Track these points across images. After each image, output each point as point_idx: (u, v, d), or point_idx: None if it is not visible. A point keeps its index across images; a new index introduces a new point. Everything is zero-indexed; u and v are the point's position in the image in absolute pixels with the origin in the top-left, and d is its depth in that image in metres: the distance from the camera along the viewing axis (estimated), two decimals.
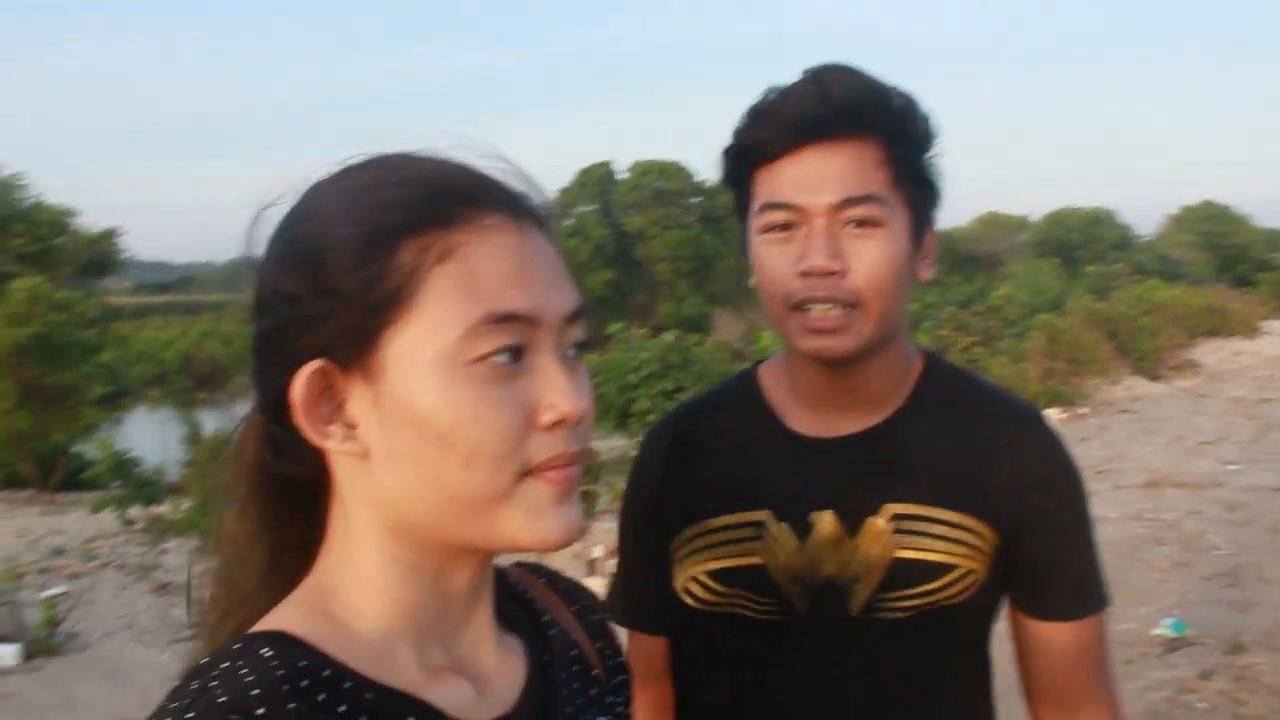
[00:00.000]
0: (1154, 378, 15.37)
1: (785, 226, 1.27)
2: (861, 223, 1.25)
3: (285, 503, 0.85)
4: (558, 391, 0.77)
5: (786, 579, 1.32)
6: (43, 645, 6.84)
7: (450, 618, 0.83)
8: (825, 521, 1.32)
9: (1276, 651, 5.21)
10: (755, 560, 1.33)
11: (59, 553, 10.43)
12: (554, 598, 0.99)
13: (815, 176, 1.25)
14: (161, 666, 6.53)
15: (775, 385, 1.41)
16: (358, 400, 0.78)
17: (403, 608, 0.81)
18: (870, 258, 1.24)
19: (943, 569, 1.30)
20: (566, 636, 0.95)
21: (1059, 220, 47.57)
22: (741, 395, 1.44)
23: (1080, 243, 44.47)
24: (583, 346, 0.83)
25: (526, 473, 0.77)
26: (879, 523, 1.31)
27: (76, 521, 12.54)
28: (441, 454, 0.75)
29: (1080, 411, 13.06)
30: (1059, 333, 15.05)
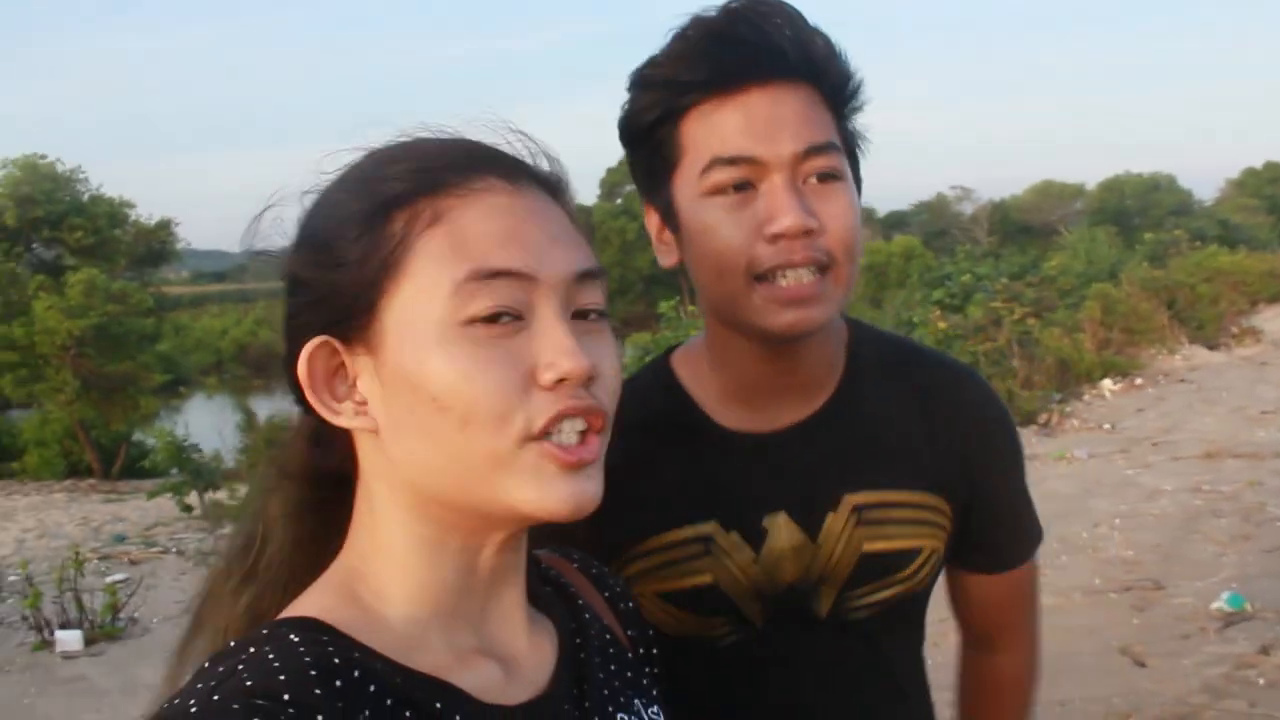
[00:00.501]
0: (1213, 346, 15.03)
1: (740, 186, 1.08)
2: (824, 175, 1.09)
3: (318, 491, 0.87)
4: (558, 349, 0.76)
5: (743, 594, 1.19)
6: (105, 630, 7.00)
7: (477, 597, 0.84)
8: (780, 525, 1.19)
9: None
10: (704, 579, 1.18)
11: (120, 539, 10.68)
12: (585, 582, 0.99)
13: (768, 123, 1.08)
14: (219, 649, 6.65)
15: (695, 377, 1.24)
16: (365, 375, 0.79)
17: (429, 588, 0.81)
18: (839, 213, 1.09)
19: (911, 555, 1.21)
20: (599, 620, 0.95)
21: (1115, 187, 46.72)
22: (661, 394, 1.24)
23: (1138, 210, 43.65)
24: (602, 314, 0.82)
25: (530, 438, 0.76)
26: (839, 518, 1.19)
27: (137, 509, 12.84)
28: (439, 417, 0.75)
29: (1137, 382, 12.81)
30: (1114, 302, 14.77)
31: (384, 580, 0.81)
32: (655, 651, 1.01)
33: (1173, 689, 4.54)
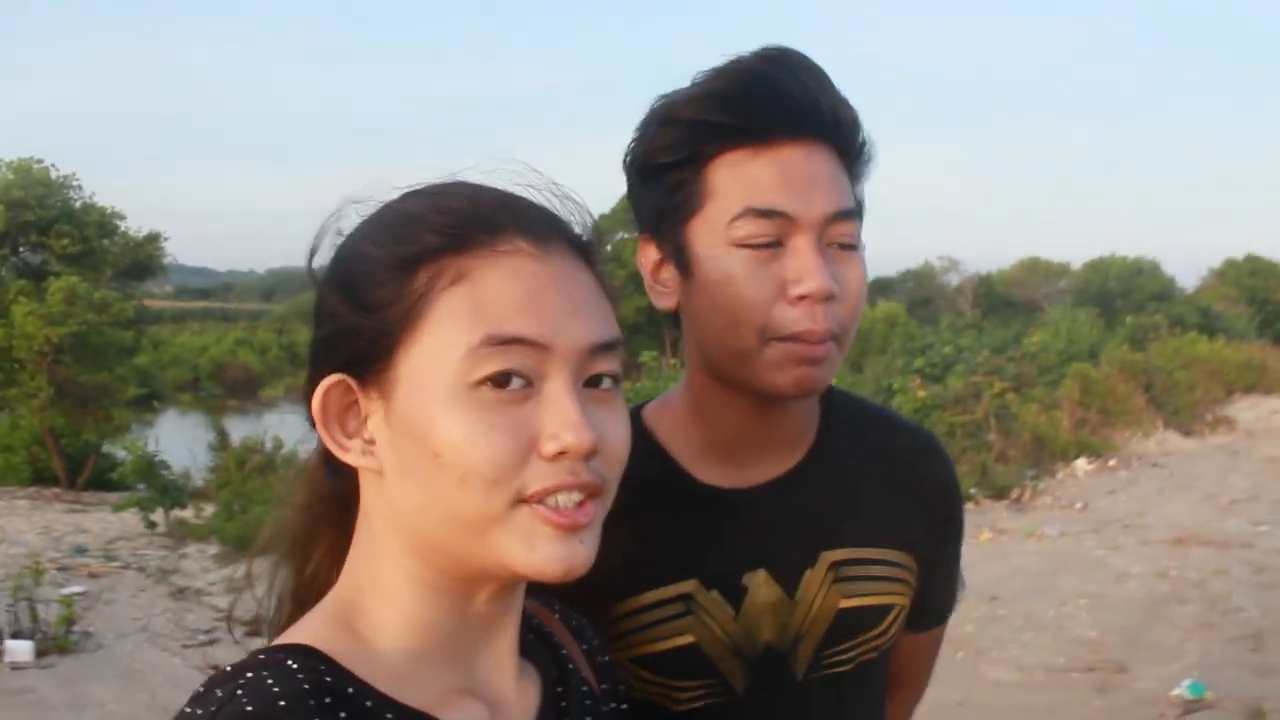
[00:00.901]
0: (1187, 432, 15.16)
1: (770, 243, 1.06)
2: (846, 244, 1.09)
3: (333, 513, 0.90)
4: (563, 422, 0.77)
5: (723, 654, 1.16)
6: (57, 643, 6.89)
7: (470, 640, 0.85)
8: (760, 583, 1.17)
9: None
10: (687, 639, 1.15)
11: (80, 551, 10.54)
12: (567, 633, 1.00)
13: (804, 180, 1.07)
14: (173, 670, 6.56)
15: (671, 432, 1.21)
16: (376, 417, 0.81)
17: (423, 627, 0.82)
18: (855, 282, 1.10)
19: (884, 611, 1.21)
20: (579, 672, 0.96)
21: (1100, 268, 47.19)
22: (637, 447, 1.17)
23: (1120, 292, 44.06)
24: (617, 380, 0.83)
25: (522, 500, 0.77)
26: (817, 574, 1.19)
27: (100, 521, 12.68)
28: (438, 472, 0.77)
29: (1110, 463, 12.90)
30: (1092, 382, 14.89)
31: (380, 615, 0.82)
32: (625, 707, 1.02)
33: None
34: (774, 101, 1.08)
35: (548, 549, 0.78)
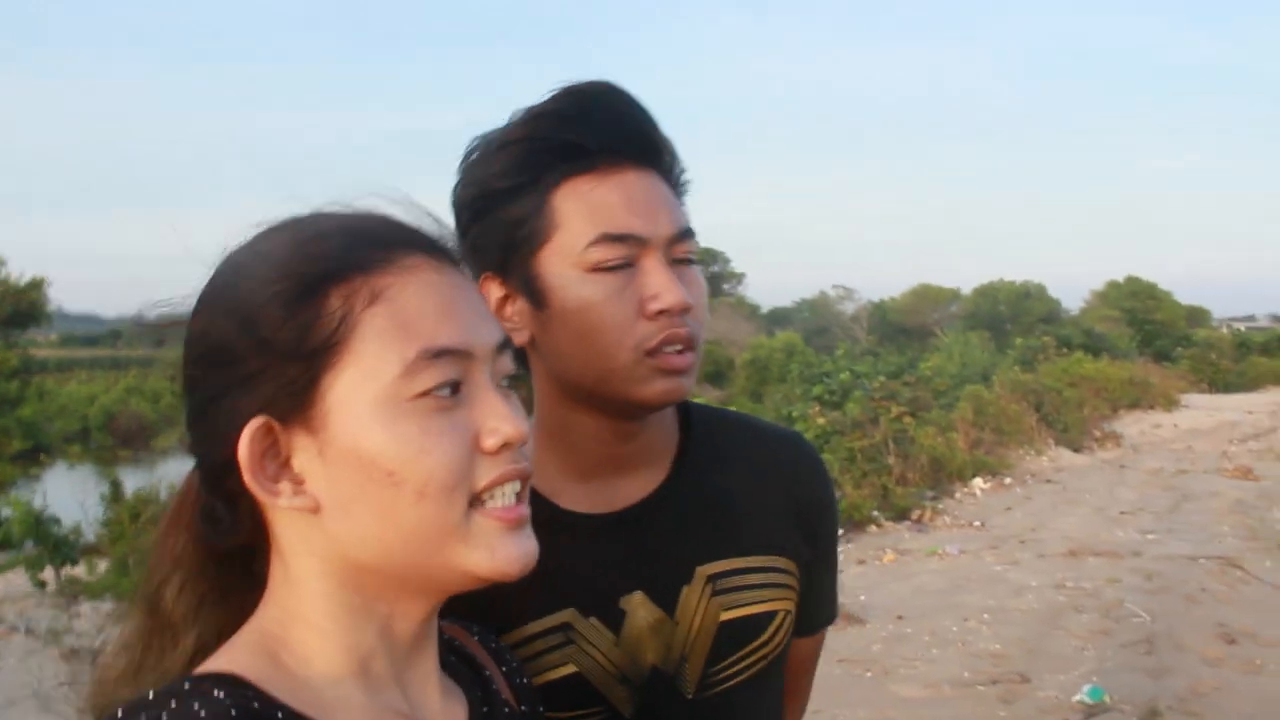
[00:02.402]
0: (1077, 449, 15.68)
1: (621, 265, 1.09)
2: (687, 259, 1.13)
3: (222, 574, 0.87)
4: (499, 416, 0.81)
5: (607, 682, 1.16)
6: None
7: (397, 662, 0.85)
8: (637, 605, 1.17)
9: (1190, 717, 5.29)
10: (569, 669, 1.14)
11: None
12: (486, 655, 1.00)
13: (650, 203, 1.11)
14: None
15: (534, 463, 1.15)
16: (302, 453, 0.79)
17: (351, 653, 0.82)
18: (700, 295, 1.13)
19: (767, 619, 1.22)
20: (500, 694, 0.96)
21: (989, 293, 48.58)
22: None
23: (1010, 315, 45.41)
24: (514, 378, 0.86)
25: (475, 502, 0.79)
26: (694, 590, 1.19)
27: None
28: (392, 492, 0.77)
29: (1006, 481, 13.25)
30: (985, 404, 15.30)
31: (305, 646, 0.82)
32: None
33: None
34: (614, 124, 1.11)
35: (507, 549, 0.80)
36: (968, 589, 8.09)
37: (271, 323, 0.78)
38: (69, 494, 14.62)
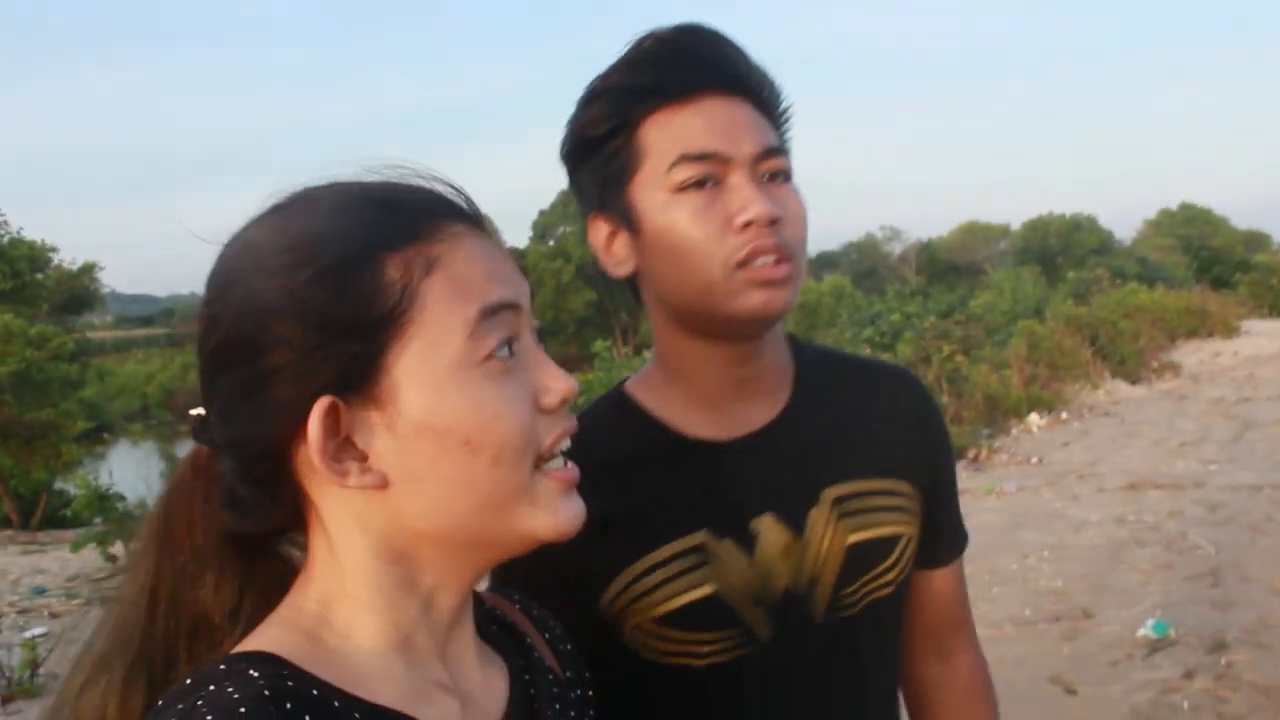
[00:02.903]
0: (1134, 381, 15.44)
1: (702, 183, 1.12)
2: (778, 175, 1.16)
3: (253, 563, 0.85)
4: (553, 374, 0.82)
5: (745, 602, 1.18)
6: (23, 688, 6.75)
7: (438, 634, 0.84)
8: (768, 527, 1.19)
9: (1258, 649, 5.21)
10: (706, 590, 1.17)
11: (40, 592, 10.35)
12: (528, 623, 1.00)
13: (730, 124, 1.14)
14: None
15: (656, 398, 1.24)
16: (367, 430, 0.78)
17: (396, 628, 0.82)
18: (795, 208, 1.15)
19: (893, 542, 1.24)
20: (544, 660, 0.96)
21: (1039, 227, 47.88)
22: (626, 421, 1.24)
23: (1060, 249, 44.76)
24: (540, 333, 0.87)
25: (539, 462, 0.80)
26: (822, 512, 1.21)
27: (58, 560, 12.45)
28: (469, 459, 0.77)
29: (1062, 417, 13.10)
30: (1039, 339, 15.11)
31: (350, 623, 0.81)
32: (591, 694, 1.02)
33: (1102, 716, 4.61)
34: (690, 60, 1.16)
35: (567, 509, 0.82)
36: (1027, 526, 8.02)
37: (327, 299, 0.76)
38: (133, 471, 14.96)
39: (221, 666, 0.75)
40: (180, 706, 0.72)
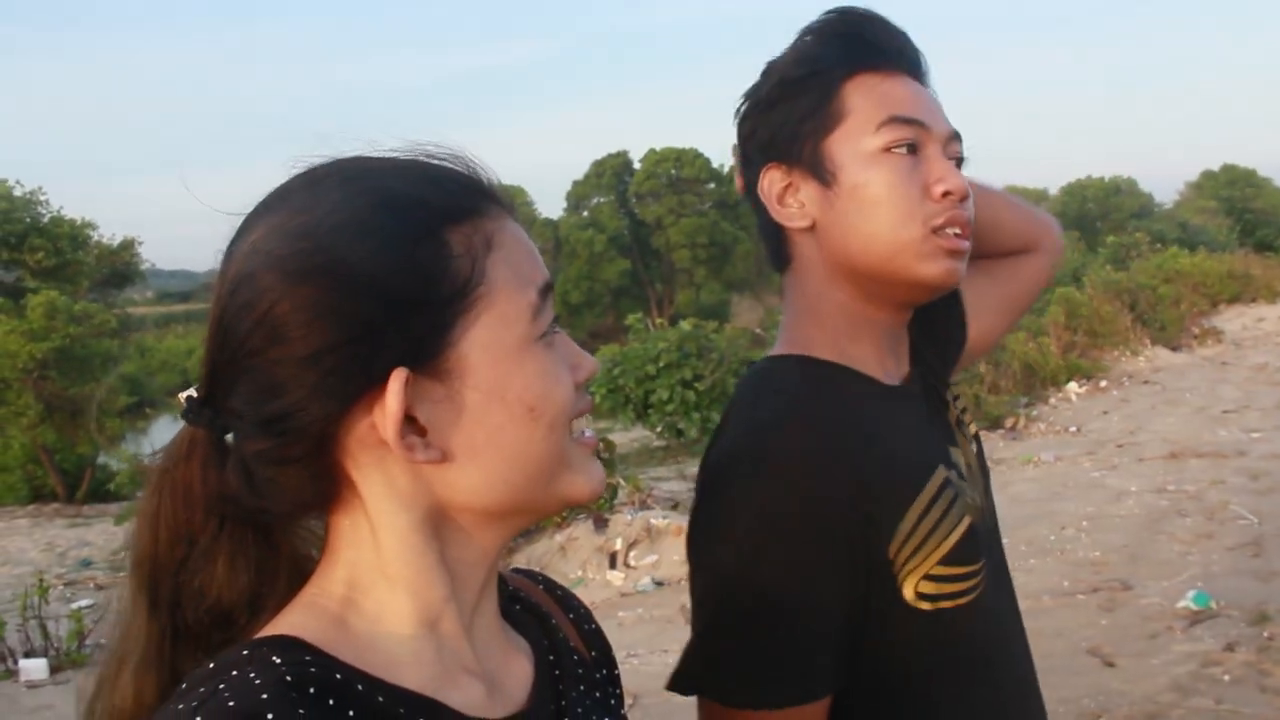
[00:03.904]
0: (1175, 347, 15.23)
1: (909, 146, 1.18)
2: (959, 160, 1.22)
3: (267, 543, 0.84)
4: (579, 352, 0.86)
5: (982, 529, 1.21)
6: (71, 658, 6.91)
7: (465, 613, 0.84)
8: (960, 457, 1.26)
9: None
10: (969, 520, 1.17)
11: (86, 564, 10.55)
12: (552, 603, 1.00)
13: (931, 103, 1.22)
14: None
15: (841, 355, 1.23)
16: (429, 404, 0.77)
17: (427, 610, 0.81)
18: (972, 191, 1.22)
19: (980, 442, 1.38)
20: (568, 641, 0.96)
21: (1077, 191, 47.24)
22: (828, 375, 1.21)
23: (1100, 213, 44.15)
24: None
25: (571, 431, 0.84)
26: (961, 436, 1.31)
27: (103, 533, 12.68)
28: (529, 427, 0.80)
29: (1101, 385, 12.97)
30: (1078, 306, 14.93)
31: (383, 605, 0.80)
32: (617, 673, 1.02)
33: (1141, 688, 4.59)
34: (899, 36, 1.24)
35: (597, 472, 0.86)
36: (1065, 496, 7.97)
37: (391, 272, 0.75)
38: None
39: (244, 652, 0.75)
40: (201, 690, 0.72)
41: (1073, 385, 12.76)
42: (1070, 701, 4.46)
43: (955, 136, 1.21)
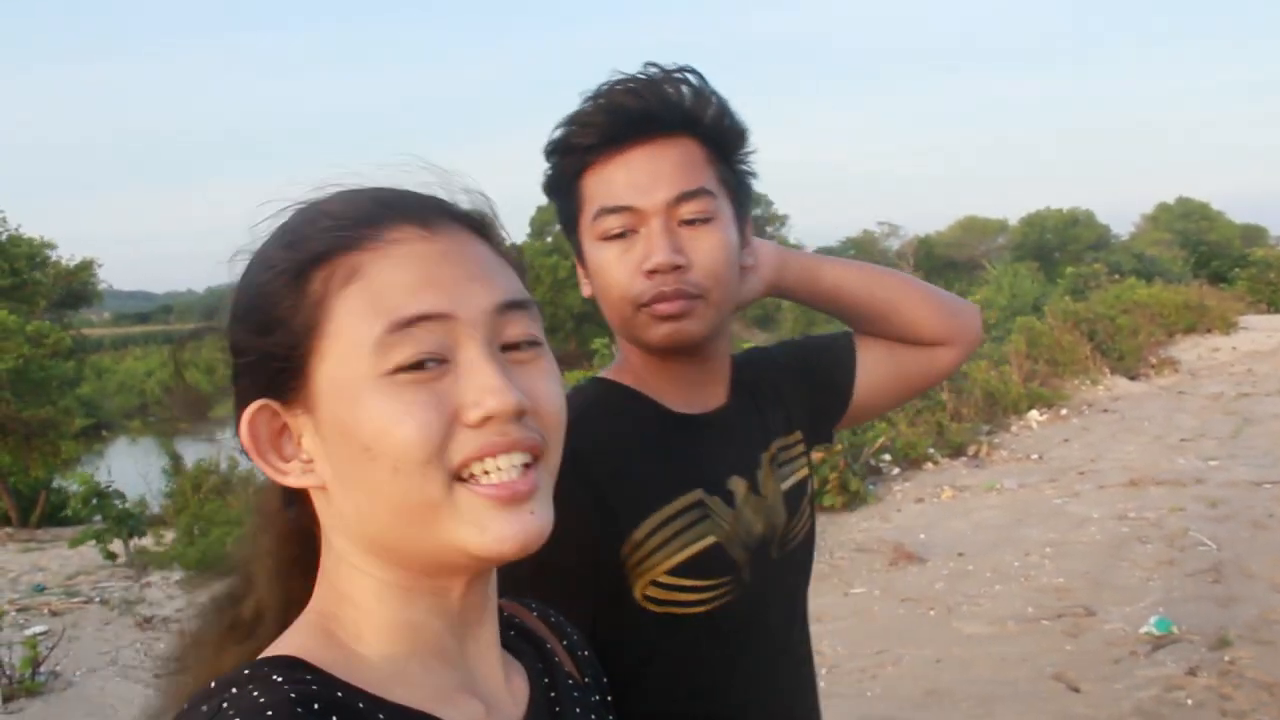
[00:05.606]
0: (1134, 376, 15.44)
1: (622, 233, 1.32)
2: (693, 220, 1.31)
3: (298, 548, 0.88)
4: (483, 388, 0.76)
5: (736, 549, 1.37)
6: (25, 686, 6.74)
7: (454, 636, 0.84)
8: (739, 485, 1.41)
9: (1261, 645, 5.22)
10: (711, 540, 1.35)
11: (40, 590, 10.32)
12: (546, 629, 1.01)
13: (647, 176, 1.31)
14: (145, 702, 6.47)
15: (639, 381, 1.42)
16: (308, 434, 0.81)
17: (405, 628, 0.82)
18: (706, 250, 1.32)
19: (805, 484, 1.51)
20: (563, 666, 0.97)
21: (1036, 222, 47.79)
22: (619, 399, 1.40)
23: (1058, 244, 44.71)
24: (538, 342, 0.83)
25: (458, 478, 0.76)
26: (765, 470, 1.45)
27: (58, 558, 12.42)
28: (372, 467, 0.77)
29: (1062, 413, 13.10)
30: (1038, 335, 15.11)
31: (358, 624, 0.82)
32: (610, 699, 1.03)
33: (1105, 713, 4.62)
34: (621, 116, 1.31)
35: (498, 527, 0.77)
36: (1028, 523, 8.03)
37: (265, 309, 0.81)
38: (133, 468, 14.94)
39: (245, 671, 0.76)
40: (205, 709, 0.73)
41: (1034, 413, 12.89)
42: None
43: (684, 196, 1.31)
